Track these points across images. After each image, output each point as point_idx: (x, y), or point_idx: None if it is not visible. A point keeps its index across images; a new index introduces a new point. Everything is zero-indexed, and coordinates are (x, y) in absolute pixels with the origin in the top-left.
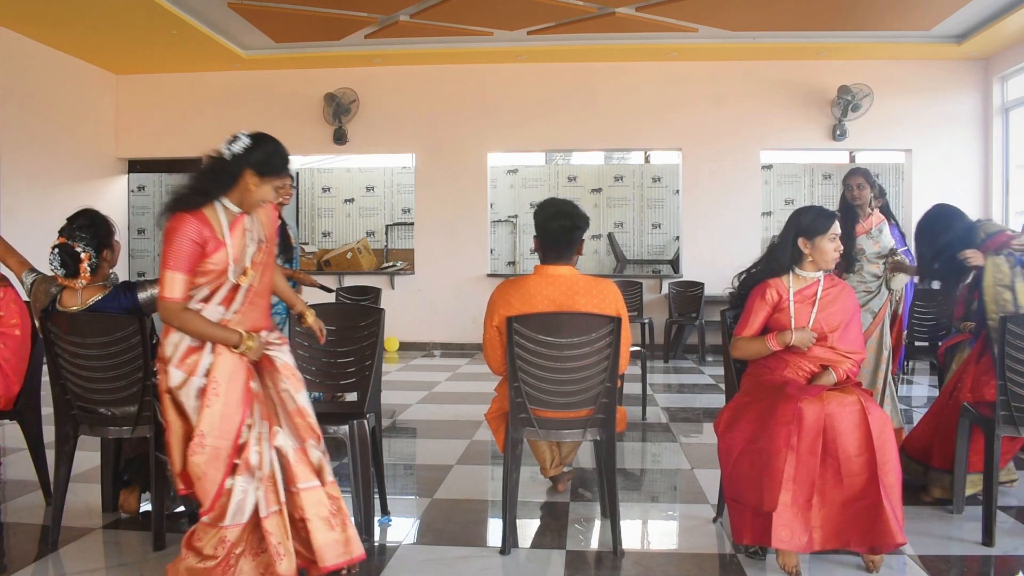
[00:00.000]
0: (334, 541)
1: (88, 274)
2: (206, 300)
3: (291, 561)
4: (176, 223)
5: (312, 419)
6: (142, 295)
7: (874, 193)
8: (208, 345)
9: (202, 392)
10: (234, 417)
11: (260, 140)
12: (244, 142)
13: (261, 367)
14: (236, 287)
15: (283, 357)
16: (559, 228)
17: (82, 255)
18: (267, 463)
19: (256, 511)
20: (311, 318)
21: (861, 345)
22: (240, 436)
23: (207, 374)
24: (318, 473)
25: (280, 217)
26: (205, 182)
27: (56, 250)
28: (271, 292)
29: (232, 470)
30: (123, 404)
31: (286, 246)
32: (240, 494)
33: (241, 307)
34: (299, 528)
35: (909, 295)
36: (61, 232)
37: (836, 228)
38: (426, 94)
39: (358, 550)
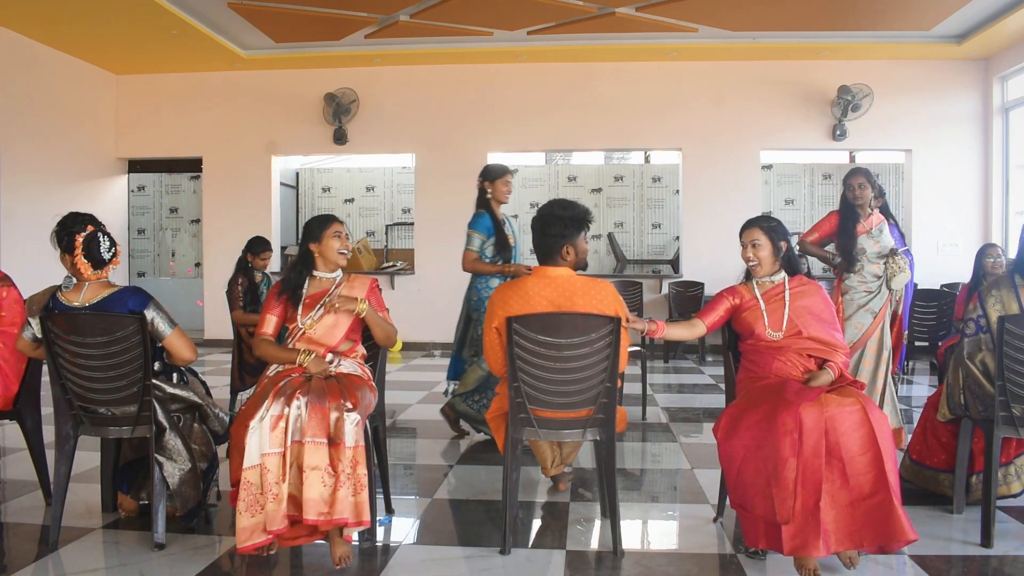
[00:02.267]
0: (319, 498)
1: (108, 265)
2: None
3: (277, 504)
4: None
5: (356, 395)
6: (149, 314)
7: (874, 193)
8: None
9: None
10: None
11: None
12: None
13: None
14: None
15: (345, 367)
16: (534, 230)
17: (114, 248)
18: (277, 409)
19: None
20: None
21: (842, 338)
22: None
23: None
24: (331, 433)
25: (502, 216)
26: (291, 271)
27: (87, 236)
28: (341, 333)
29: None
30: (123, 404)
31: (504, 245)
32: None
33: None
34: (301, 480)
35: (909, 295)
36: (90, 223)
37: (748, 235)
38: (426, 94)
39: (340, 513)
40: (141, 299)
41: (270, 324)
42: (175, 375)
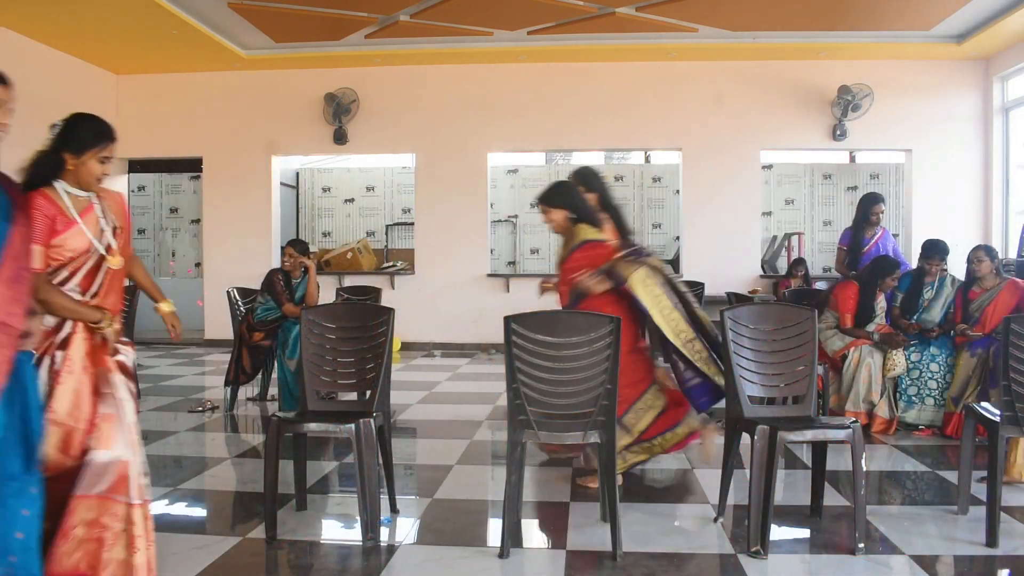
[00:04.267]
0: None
1: None
2: (64, 282)
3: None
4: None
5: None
6: None
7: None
8: (65, 327)
9: (56, 372)
10: (86, 404)
11: (70, 121)
12: (58, 127)
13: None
14: (96, 269)
15: (128, 358)
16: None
17: None
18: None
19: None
20: (167, 308)
21: None
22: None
23: (64, 351)
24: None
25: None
26: (33, 169)
27: None
28: (124, 280)
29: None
30: None
31: None
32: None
33: (100, 289)
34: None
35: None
36: None
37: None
38: (426, 94)
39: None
40: None
41: (39, 257)
42: None
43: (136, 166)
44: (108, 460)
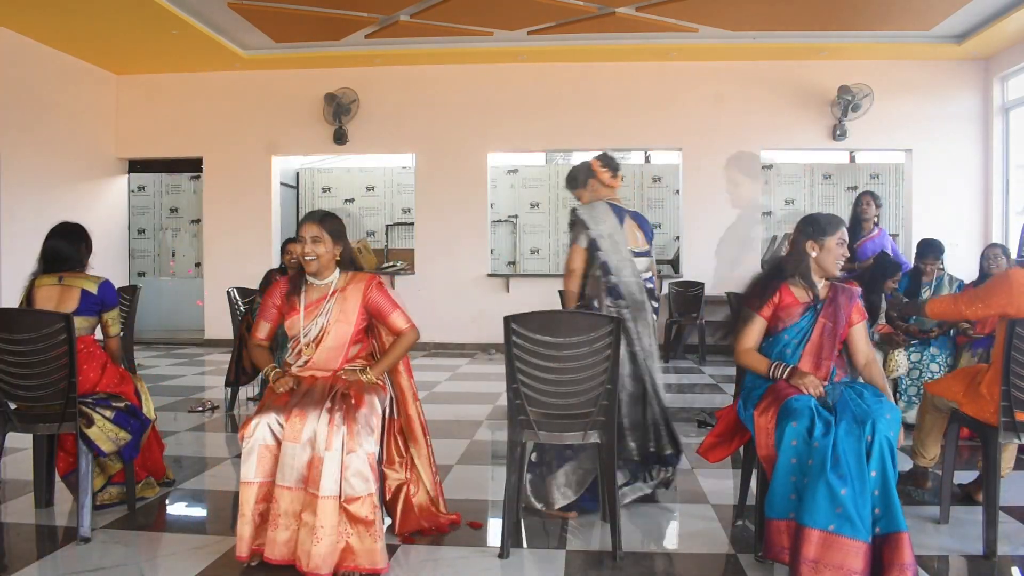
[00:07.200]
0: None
1: None
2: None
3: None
4: (271, 286)
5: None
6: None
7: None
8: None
9: None
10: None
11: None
12: None
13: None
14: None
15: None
16: None
17: None
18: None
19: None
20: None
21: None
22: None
23: None
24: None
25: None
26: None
27: None
28: (340, 353)
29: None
30: (48, 400)
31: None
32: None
33: (305, 366)
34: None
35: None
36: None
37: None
38: (426, 94)
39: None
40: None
41: (263, 330)
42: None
43: (136, 166)
44: None
